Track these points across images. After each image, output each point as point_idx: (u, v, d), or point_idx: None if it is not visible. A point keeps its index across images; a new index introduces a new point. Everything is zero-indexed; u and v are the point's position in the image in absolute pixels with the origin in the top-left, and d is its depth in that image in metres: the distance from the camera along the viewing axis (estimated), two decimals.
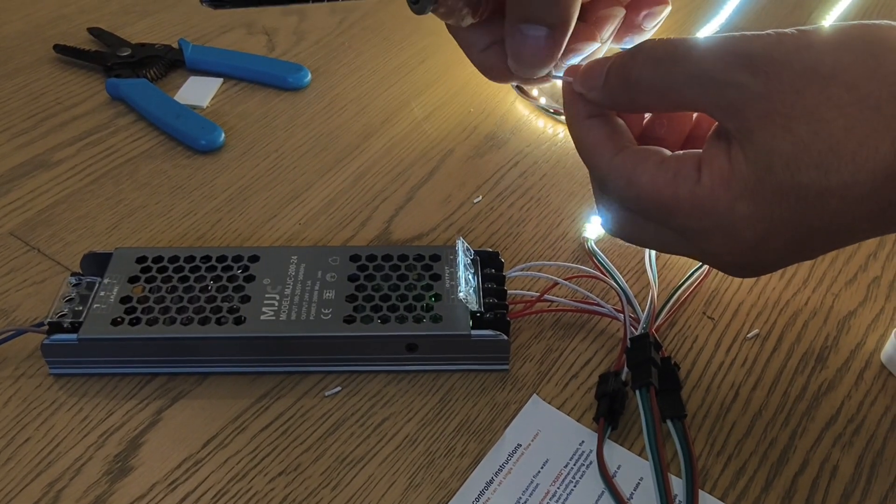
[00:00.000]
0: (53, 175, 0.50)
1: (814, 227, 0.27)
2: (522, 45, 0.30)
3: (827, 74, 0.26)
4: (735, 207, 0.27)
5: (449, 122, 0.56)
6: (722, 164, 0.28)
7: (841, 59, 0.26)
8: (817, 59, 0.26)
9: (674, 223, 0.29)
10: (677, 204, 0.29)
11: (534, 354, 0.40)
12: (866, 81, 0.25)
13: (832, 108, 0.25)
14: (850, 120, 0.25)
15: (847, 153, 0.25)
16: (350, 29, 0.65)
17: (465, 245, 0.41)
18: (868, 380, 0.39)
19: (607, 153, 0.31)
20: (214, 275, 0.40)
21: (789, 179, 0.26)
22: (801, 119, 0.26)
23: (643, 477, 0.35)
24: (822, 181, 0.26)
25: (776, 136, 0.26)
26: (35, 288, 0.43)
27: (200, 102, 0.56)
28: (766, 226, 0.27)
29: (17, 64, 0.60)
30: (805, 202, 0.26)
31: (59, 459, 0.36)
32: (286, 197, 0.49)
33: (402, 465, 0.36)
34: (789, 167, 0.26)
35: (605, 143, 0.31)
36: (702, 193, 0.28)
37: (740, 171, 0.27)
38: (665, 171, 0.29)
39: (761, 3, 0.69)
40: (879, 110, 0.25)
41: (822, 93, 0.26)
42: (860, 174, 0.25)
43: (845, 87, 0.25)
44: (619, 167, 0.30)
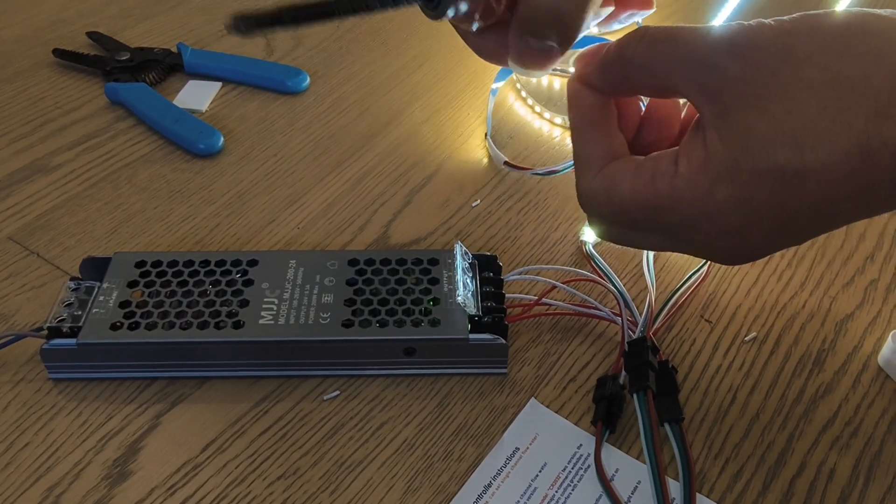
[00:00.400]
0: (52, 179, 0.50)
1: (795, 209, 0.27)
2: (526, 52, 0.31)
3: (801, 56, 0.26)
4: (714, 191, 0.28)
5: (447, 126, 0.56)
6: (698, 152, 0.28)
7: (814, 40, 0.26)
8: (792, 43, 0.27)
9: (660, 222, 0.30)
10: (659, 201, 0.29)
11: (532, 358, 0.40)
12: (838, 62, 0.26)
13: (805, 87, 0.26)
14: (822, 99, 0.26)
15: (822, 131, 0.26)
16: (348, 33, 0.65)
17: (464, 249, 0.41)
18: (865, 383, 0.40)
19: (594, 167, 0.31)
20: (213, 279, 0.40)
21: (765, 159, 0.26)
22: (776, 99, 0.26)
23: (641, 480, 0.35)
24: (797, 161, 0.26)
25: (751, 116, 0.26)
26: (34, 292, 0.43)
27: (199, 106, 0.56)
28: (748, 208, 0.27)
29: (15, 68, 0.60)
30: (783, 183, 0.26)
31: (58, 464, 0.36)
32: (285, 201, 0.49)
33: (401, 468, 0.36)
34: (764, 147, 0.26)
35: (594, 158, 0.31)
36: (680, 184, 0.28)
37: (716, 154, 0.27)
38: (643, 173, 0.29)
39: (761, 4, 0.70)
40: (852, 89, 0.26)
41: (796, 73, 0.26)
42: (835, 153, 0.26)
43: (818, 68, 0.26)
44: (598, 186, 0.31)
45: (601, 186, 0.31)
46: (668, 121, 0.33)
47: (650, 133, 0.33)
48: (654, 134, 0.33)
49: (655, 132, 0.33)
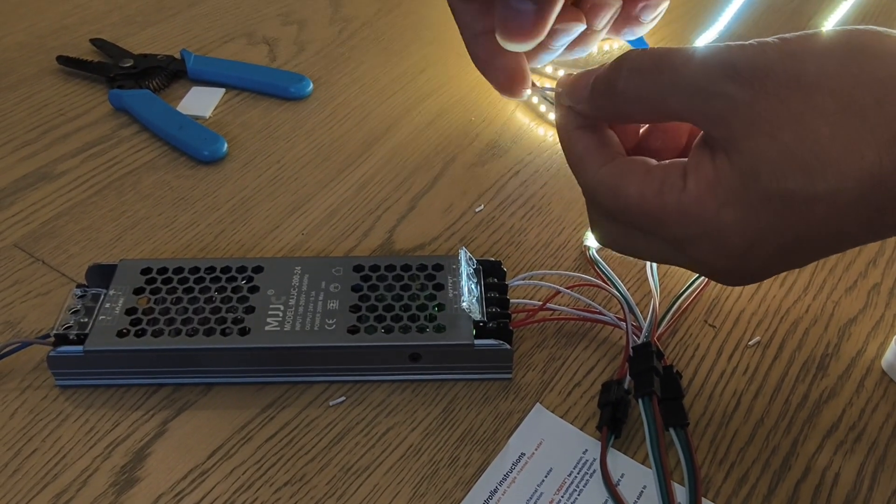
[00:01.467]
0: (57, 187, 0.51)
1: (801, 234, 0.27)
2: (509, 16, 0.30)
3: (811, 83, 0.26)
4: (721, 214, 0.28)
5: (450, 131, 0.56)
6: (707, 172, 0.28)
7: (824, 66, 0.26)
8: (800, 68, 0.26)
9: (663, 233, 0.30)
10: (664, 213, 0.29)
11: (536, 363, 0.40)
12: (850, 89, 0.26)
13: (817, 115, 0.26)
14: (834, 127, 0.25)
15: (832, 160, 0.25)
16: (350, 39, 0.65)
17: (468, 255, 0.41)
18: (869, 387, 0.40)
19: (594, 165, 0.31)
20: (219, 286, 0.40)
21: (775, 185, 0.26)
22: (787, 126, 0.26)
23: (646, 485, 0.36)
24: (808, 188, 0.26)
25: (762, 143, 0.26)
26: (40, 300, 0.43)
27: (203, 113, 0.56)
28: (754, 232, 0.27)
29: (19, 75, 0.60)
30: (792, 209, 0.26)
31: (65, 471, 0.36)
32: (289, 207, 0.50)
33: (407, 474, 0.36)
34: (775, 173, 0.26)
35: (592, 155, 0.31)
36: (688, 201, 0.28)
37: (726, 178, 0.27)
38: (651, 181, 0.29)
39: (760, 10, 0.70)
40: (864, 118, 0.25)
41: (807, 101, 0.26)
42: (846, 181, 0.25)
43: (830, 95, 0.26)
44: (606, 179, 0.30)
45: (609, 181, 0.30)
46: (676, 129, 0.33)
47: (656, 139, 0.33)
48: (661, 141, 0.33)
49: (661, 139, 0.33)
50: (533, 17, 0.30)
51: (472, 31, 0.33)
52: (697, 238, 0.29)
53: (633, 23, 0.34)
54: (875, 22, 0.68)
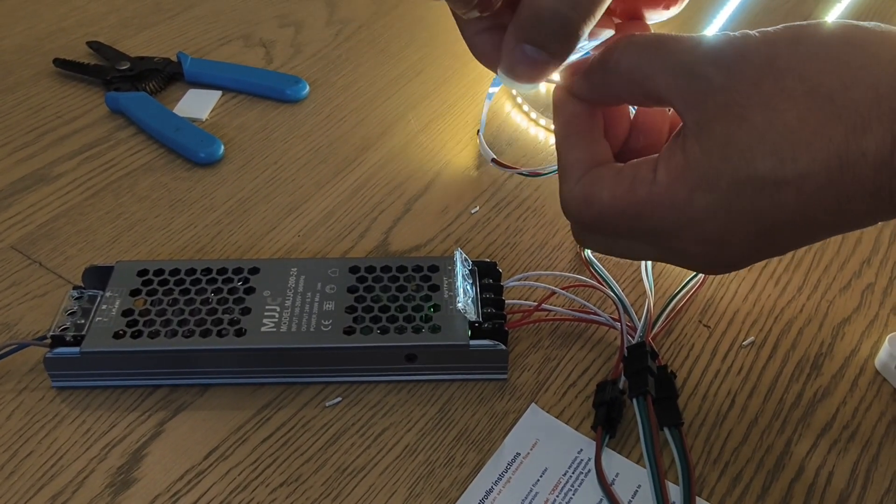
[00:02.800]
0: (54, 189, 0.51)
1: (773, 218, 0.27)
2: (520, 61, 0.30)
3: (782, 67, 0.26)
4: (693, 199, 0.28)
5: (445, 133, 0.56)
6: (678, 160, 0.28)
7: (796, 51, 0.27)
8: (775, 53, 0.27)
9: (641, 228, 0.30)
10: (637, 208, 0.29)
11: (532, 364, 0.41)
12: (818, 73, 0.26)
13: (786, 98, 0.26)
14: (803, 110, 0.26)
15: (801, 143, 0.26)
16: (346, 41, 0.66)
17: (463, 256, 0.41)
18: (863, 386, 0.40)
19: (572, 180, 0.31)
20: (215, 287, 0.41)
21: (745, 168, 0.26)
22: (757, 109, 0.26)
23: (641, 484, 0.36)
24: (777, 170, 0.26)
25: (732, 126, 0.27)
26: (37, 301, 0.43)
27: (199, 115, 0.57)
28: (726, 217, 0.28)
29: (16, 78, 0.60)
30: (762, 192, 0.27)
31: (61, 472, 0.36)
32: (285, 209, 0.50)
33: (403, 474, 0.36)
34: (744, 156, 0.26)
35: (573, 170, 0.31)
36: (659, 190, 0.28)
37: (696, 163, 0.28)
38: (622, 180, 0.30)
39: (756, 10, 0.70)
40: (832, 100, 0.26)
41: (777, 84, 0.26)
42: (814, 165, 0.26)
43: (799, 79, 0.26)
44: (579, 192, 0.31)
45: (581, 193, 0.31)
46: (656, 129, 0.34)
47: (637, 140, 0.33)
48: (642, 141, 0.33)
49: (643, 139, 0.33)
50: (543, 66, 0.30)
51: (474, 30, 0.32)
52: (673, 227, 0.29)
53: None
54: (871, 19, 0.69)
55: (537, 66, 0.30)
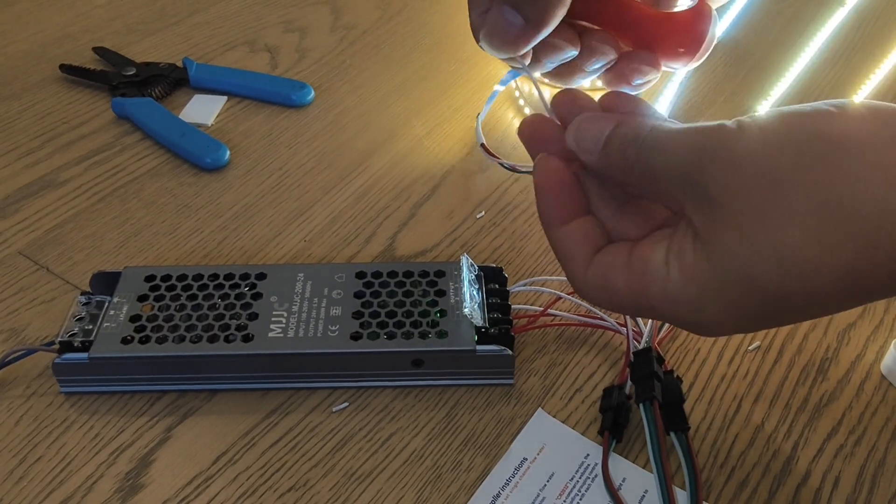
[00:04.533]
0: (61, 194, 0.51)
1: (783, 316, 0.28)
2: (497, 23, 0.31)
3: (783, 179, 0.25)
4: (703, 307, 0.28)
5: (450, 138, 0.56)
6: (688, 260, 0.28)
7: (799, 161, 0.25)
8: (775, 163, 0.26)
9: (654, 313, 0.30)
10: (649, 301, 0.29)
11: (538, 369, 0.41)
12: (825, 188, 0.25)
13: (789, 216, 0.25)
14: (807, 231, 0.25)
15: (807, 262, 0.25)
16: (351, 47, 0.66)
17: (470, 261, 0.42)
18: (868, 391, 0.40)
19: (581, 262, 0.31)
20: (222, 293, 0.41)
21: (750, 284, 0.26)
22: (758, 228, 0.26)
23: (648, 489, 0.36)
24: (784, 286, 0.26)
25: (734, 243, 0.26)
26: (44, 307, 0.44)
27: (205, 120, 0.57)
28: (737, 317, 0.28)
29: (23, 84, 0.61)
30: (771, 300, 0.26)
31: (70, 477, 0.36)
32: (291, 214, 0.50)
33: (410, 479, 0.36)
34: (748, 274, 0.26)
35: (579, 252, 0.31)
36: (672, 289, 0.28)
37: (704, 272, 0.27)
38: (633, 271, 0.30)
39: (758, 16, 0.70)
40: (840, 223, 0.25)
41: (778, 198, 0.25)
42: (826, 283, 0.25)
43: (805, 197, 0.25)
44: (592, 281, 0.31)
45: (596, 283, 0.31)
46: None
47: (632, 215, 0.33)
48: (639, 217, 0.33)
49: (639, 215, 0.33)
50: (518, 32, 0.30)
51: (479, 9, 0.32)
52: (685, 320, 0.29)
53: (623, 82, 0.34)
54: (870, 27, 0.69)
55: (512, 30, 0.30)
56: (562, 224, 0.32)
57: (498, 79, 0.62)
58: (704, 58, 0.33)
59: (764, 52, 0.66)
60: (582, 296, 0.32)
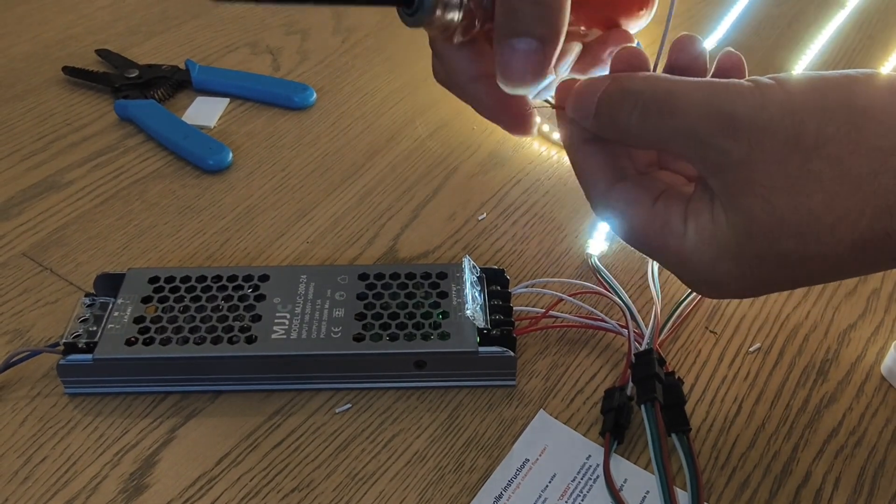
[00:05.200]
0: (64, 196, 0.51)
1: (799, 280, 0.28)
2: (512, 58, 0.28)
3: (809, 146, 0.26)
4: (717, 265, 0.28)
5: (452, 140, 0.56)
6: (706, 222, 0.28)
7: (824, 129, 0.26)
8: (800, 129, 0.26)
9: (663, 258, 0.31)
10: (666, 254, 0.30)
11: (540, 370, 0.41)
12: (849, 156, 0.26)
13: (813, 181, 0.26)
14: (830, 196, 0.26)
15: (826, 226, 0.26)
16: (353, 48, 0.66)
17: (472, 263, 0.42)
18: (869, 392, 0.40)
19: (602, 184, 0.31)
20: (225, 294, 0.41)
21: (768, 247, 0.27)
22: (782, 191, 0.26)
23: (649, 490, 0.36)
24: (801, 250, 0.27)
25: (756, 206, 0.27)
26: (48, 308, 0.44)
27: (208, 122, 0.57)
28: (752, 280, 0.28)
29: (26, 86, 0.61)
30: (786, 265, 0.27)
31: (75, 478, 0.36)
32: (293, 216, 0.50)
33: (413, 480, 0.36)
34: (768, 237, 0.27)
35: (599, 175, 0.31)
36: (688, 247, 0.29)
37: (722, 233, 0.28)
38: (654, 219, 0.30)
39: (759, 17, 0.71)
40: (860, 187, 0.26)
41: (805, 165, 0.26)
42: (839, 245, 0.26)
43: (828, 162, 0.26)
44: (613, 204, 0.31)
45: (616, 206, 0.30)
46: None
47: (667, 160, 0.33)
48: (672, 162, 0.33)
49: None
50: (536, 56, 0.28)
51: (467, 76, 0.32)
52: (695, 279, 0.30)
53: (599, 65, 0.33)
54: (871, 29, 0.69)
55: (531, 57, 0.28)
56: (584, 142, 0.31)
57: None
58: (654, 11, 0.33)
59: (765, 54, 0.66)
60: (598, 214, 0.32)
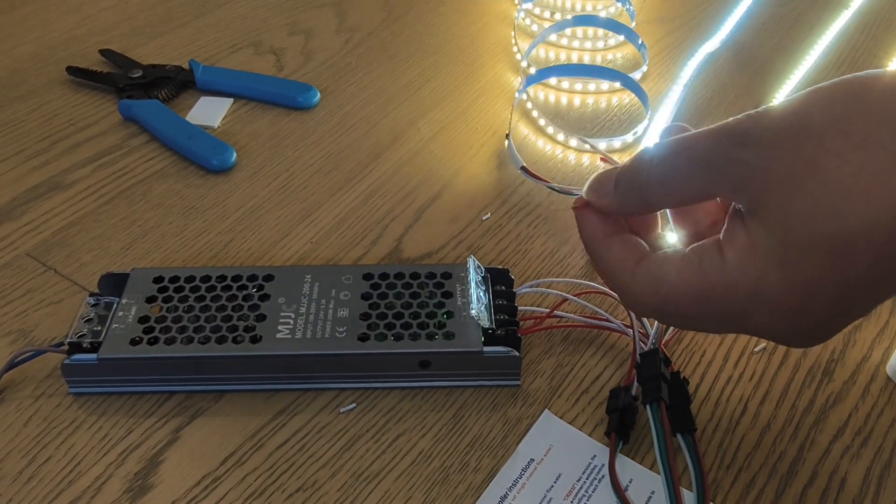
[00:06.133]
0: (68, 196, 0.51)
1: (849, 276, 0.27)
2: None
3: (820, 130, 0.26)
4: (766, 278, 0.27)
5: (456, 140, 0.56)
6: (741, 239, 0.28)
7: (831, 111, 0.26)
8: (806, 118, 0.26)
9: (713, 310, 0.29)
10: (711, 292, 0.29)
11: (545, 370, 0.41)
12: (863, 125, 0.26)
13: (833, 157, 0.26)
14: (854, 165, 0.25)
15: (860, 196, 0.25)
16: (356, 48, 0.66)
17: (476, 263, 0.42)
18: (874, 392, 0.40)
19: (629, 266, 0.31)
20: (230, 294, 0.41)
21: (810, 233, 0.26)
22: (807, 175, 0.26)
23: (655, 490, 0.36)
24: (842, 227, 0.26)
25: (786, 197, 0.26)
26: (52, 308, 0.44)
27: (212, 122, 0.57)
28: (802, 287, 0.27)
29: (30, 86, 0.61)
30: (832, 253, 0.26)
31: (79, 478, 0.36)
32: (297, 216, 0.50)
33: (418, 480, 0.36)
34: (806, 222, 0.26)
35: (625, 258, 0.31)
36: (732, 273, 0.28)
37: (762, 241, 0.27)
38: (689, 262, 0.29)
39: (762, 19, 0.71)
40: (884, 149, 0.25)
41: (820, 146, 0.26)
42: (879, 214, 0.25)
43: (842, 136, 0.26)
44: (644, 276, 0.30)
45: (645, 280, 0.30)
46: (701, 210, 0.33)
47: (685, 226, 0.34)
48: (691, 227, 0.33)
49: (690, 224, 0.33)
50: None
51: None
52: (748, 309, 0.28)
53: None
54: (874, 30, 0.69)
55: None
56: (605, 237, 0.32)
57: (503, 82, 0.62)
58: None
59: (768, 55, 0.66)
60: (630, 304, 0.32)
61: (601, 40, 0.66)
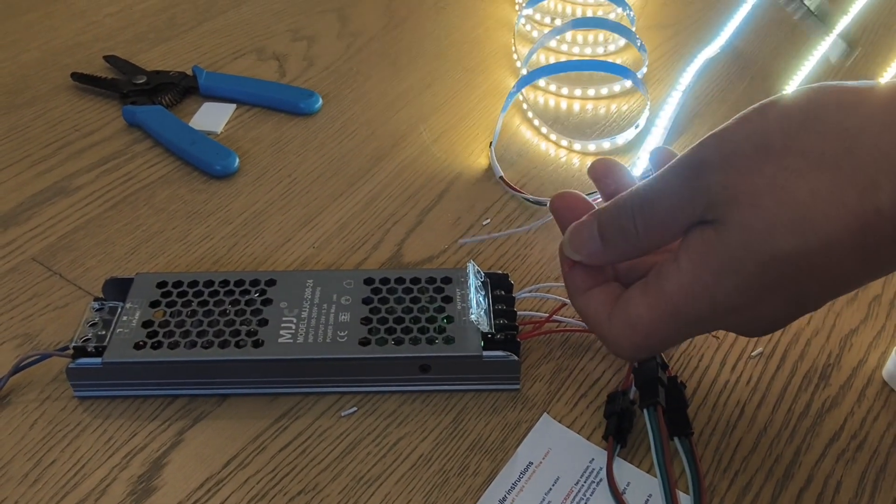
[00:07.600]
0: (73, 201, 0.52)
1: (805, 284, 0.28)
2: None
3: (778, 148, 0.27)
4: (721, 283, 0.28)
5: (456, 145, 0.57)
6: (697, 246, 0.29)
7: (787, 129, 0.27)
8: (765, 138, 0.27)
9: (682, 324, 0.30)
10: (673, 307, 0.30)
11: (544, 374, 0.41)
12: (819, 143, 0.27)
13: (792, 175, 0.27)
14: (812, 183, 0.26)
15: (818, 214, 0.26)
16: (358, 54, 0.67)
17: (476, 268, 0.42)
18: (870, 396, 0.40)
19: (603, 318, 0.32)
20: (233, 299, 0.41)
21: (769, 250, 0.27)
22: (765, 194, 0.27)
23: (652, 494, 0.36)
24: (800, 245, 0.27)
25: (746, 215, 0.27)
26: (57, 312, 0.44)
27: (215, 128, 0.58)
28: (757, 294, 0.28)
29: (35, 92, 0.61)
30: (790, 265, 0.27)
31: (84, 481, 0.37)
32: (300, 221, 0.51)
33: (418, 483, 0.37)
34: (765, 240, 0.27)
35: (599, 311, 0.33)
36: (686, 279, 0.29)
37: (716, 250, 0.28)
38: (650, 287, 0.31)
39: (762, 24, 0.71)
40: (839, 167, 0.26)
41: (779, 165, 0.27)
42: (835, 231, 0.26)
43: (800, 155, 0.27)
44: (617, 321, 0.32)
45: (619, 326, 0.31)
46: None
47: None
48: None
49: None
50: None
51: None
52: (707, 312, 0.30)
53: None
54: (873, 34, 0.69)
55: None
56: (584, 291, 0.33)
57: (503, 87, 0.63)
58: None
59: (766, 60, 0.66)
60: (615, 351, 0.33)
61: (601, 46, 0.67)
